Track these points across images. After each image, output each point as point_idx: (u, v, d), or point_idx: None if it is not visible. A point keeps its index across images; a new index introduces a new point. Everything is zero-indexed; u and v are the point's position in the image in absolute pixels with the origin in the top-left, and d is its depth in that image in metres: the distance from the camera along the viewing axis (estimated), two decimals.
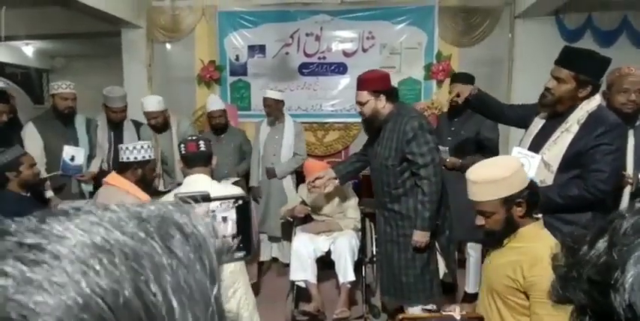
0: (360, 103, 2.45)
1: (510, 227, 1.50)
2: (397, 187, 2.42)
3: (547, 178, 1.89)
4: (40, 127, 3.13)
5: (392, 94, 2.46)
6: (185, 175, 2.10)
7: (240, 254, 0.68)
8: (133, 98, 3.89)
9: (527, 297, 1.45)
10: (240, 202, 0.68)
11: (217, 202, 0.67)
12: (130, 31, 4.55)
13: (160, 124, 3.47)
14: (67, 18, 4.61)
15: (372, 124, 2.51)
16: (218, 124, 3.67)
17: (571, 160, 1.86)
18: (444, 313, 1.50)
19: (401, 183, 2.41)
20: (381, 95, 2.40)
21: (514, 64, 4.24)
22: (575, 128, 1.88)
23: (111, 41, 4.87)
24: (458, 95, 2.80)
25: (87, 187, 3.23)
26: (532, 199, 1.48)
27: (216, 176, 3.72)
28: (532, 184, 1.52)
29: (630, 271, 0.41)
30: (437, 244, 2.47)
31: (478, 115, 3.08)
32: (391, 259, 2.51)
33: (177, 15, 4.48)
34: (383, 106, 2.41)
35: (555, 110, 1.96)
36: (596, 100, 1.91)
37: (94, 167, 3.31)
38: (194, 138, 2.11)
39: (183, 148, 2.06)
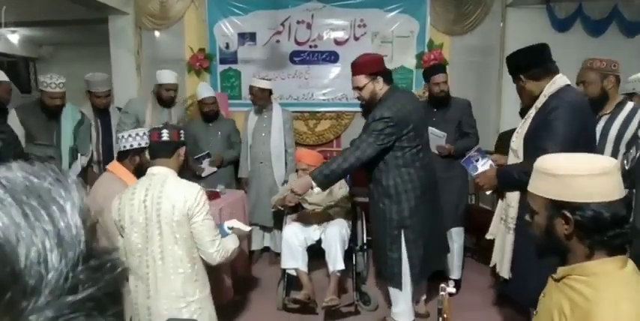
0: (358, 88, 2.45)
1: (554, 244, 1.12)
2: (372, 168, 2.48)
3: None
4: (22, 115, 3.07)
5: (387, 76, 2.49)
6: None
7: None
8: (121, 86, 3.85)
9: None
10: None
11: None
12: (118, 19, 4.46)
13: (172, 98, 3.49)
14: (53, 5, 4.52)
15: (370, 107, 2.51)
16: (210, 112, 3.63)
17: (530, 143, 1.93)
18: (442, 293, 1.44)
19: (374, 164, 2.46)
20: (378, 77, 2.42)
21: (505, 52, 4.22)
22: (534, 113, 1.97)
23: (98, 29, 4.78)
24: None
25: None
26: (587, 223, 1.03)
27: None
28: (614, 206, 1.03)
29: None
30: (403, 236, 2.43)
31: (458, 103, 3.22)
32: (377, 229, 2.60)
33: (165, 2, 4.39)
34: (380, 87, 2.43)
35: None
36: (557, 84, 1.94)
37: (79, 165, 3.26)
38: (160, 126, 1.96)
39: (147, 137, 1.97)
